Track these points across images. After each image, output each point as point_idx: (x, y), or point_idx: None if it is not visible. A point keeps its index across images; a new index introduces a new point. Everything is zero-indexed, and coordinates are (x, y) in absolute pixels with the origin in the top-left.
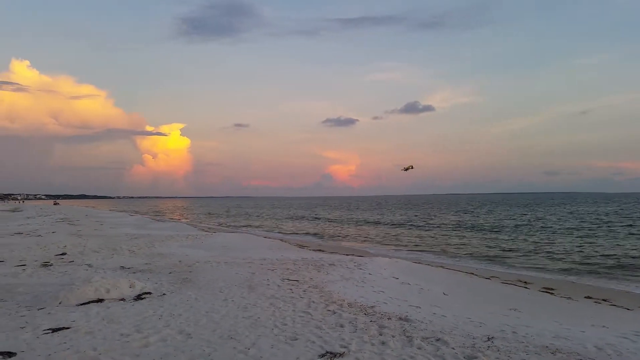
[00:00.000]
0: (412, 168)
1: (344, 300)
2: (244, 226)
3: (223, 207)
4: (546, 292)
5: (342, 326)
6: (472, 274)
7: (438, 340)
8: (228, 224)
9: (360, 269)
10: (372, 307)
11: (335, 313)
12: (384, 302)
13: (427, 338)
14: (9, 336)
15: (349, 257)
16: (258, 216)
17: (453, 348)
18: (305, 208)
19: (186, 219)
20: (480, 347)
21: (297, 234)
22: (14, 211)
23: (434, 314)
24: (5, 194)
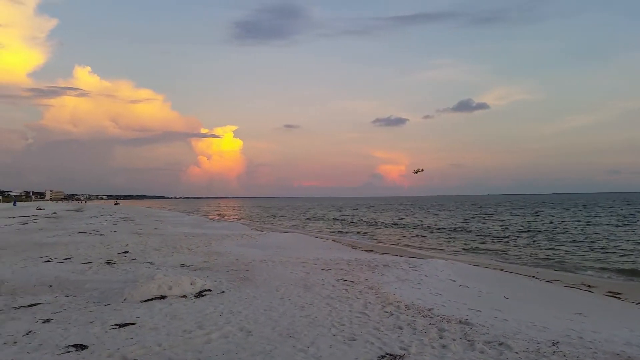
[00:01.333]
0: (422, 171)
1: (400, 302)
2: (295, 226)
3: (274, 207)
4: (612, 296)
5: (400, 328)
6: (533, 277)
7: (501, 344)
8: (280, 223)
9: (416, 270)
10: (430, 309)
11: (392, 315)
12: (442, 305)
13: (489, 342)
14: (80, 330)
15: (403, 258)
16: (308, 216)
17: (517, 352)
18: (354, 208)
19: (240, 218)
20: (545, 352)
21: (348, 233)
22: (77, 211)
23: (495, 317)
24: (70, 195)
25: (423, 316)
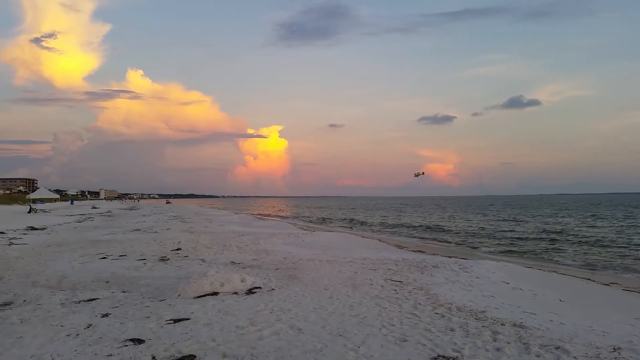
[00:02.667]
0: (422, 174)
1: (452, 304)
2: (341, 225)
3: (319, 206)
4: None
5: (452, 330)
6: (589, 279)
7: (558, 348)
8: (326, 222)
9: (466, 271)
10: (483, 312)
11: (444, 316)
12: (495, 308)
13: (545, 346)
14: (137, 325)
15: (452, 259)
16: (353, 216)
17: (575, 357)
18: (399, 207)
19: (286, 217)
20: (605, 358)
21: (394, 234)
22: (131, 209)
23: (551, 321)
24: (123, 194)
25: (475, 318)
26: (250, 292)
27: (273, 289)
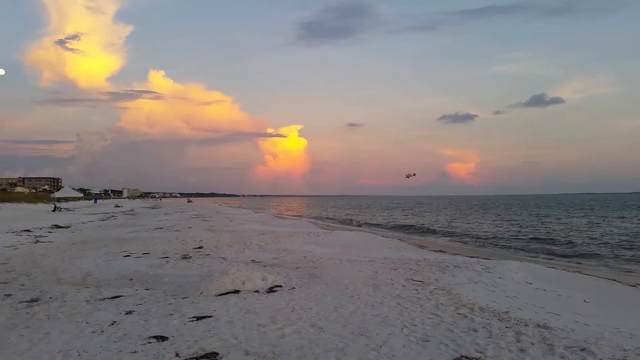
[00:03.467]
0: (414, 175)
1: (474, 304)
2: (360, 225)
3: (338, 205)
4: None
5: (475, 330)
6: (614, 280)
7: (583, 350)
8: (345, 222)
9: (489, 272)
10: (506, 312)
11: (466, 317)
12: (519, 308)
13: (570, 347)
14: (160, 322)
15: (475, 259)
16: (373, 215)
17: (601, 359)
18: (420, 207)
19: (305, 216)
20: None
21: (414, 234)
22: (153, 208)
23: (576, 322)
24: (145, 192)
25: (499, 319)
26: (271, 290)
27: (294, 288)
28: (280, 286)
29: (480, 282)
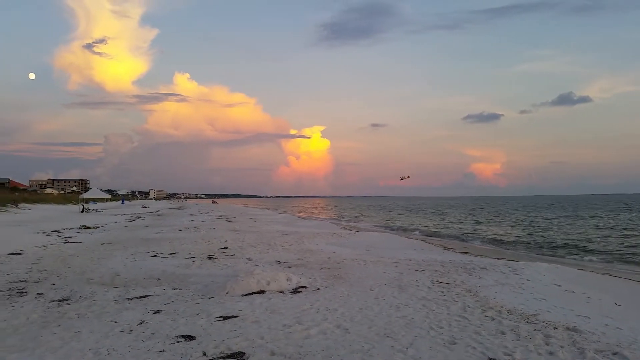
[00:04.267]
0: (408, 178)
1: (502, 307)
2: (384, 226)
3: (361, 206)
4: None
5: (503, 333)
6: None
7: (615, 354)
8: (369, 223)
9: (516, 274)
10: (534, 315)
11: (494, 319)
12: (547, 311)
13: (601, 351)
14: (188, 321)
15: (502, 261)
16: (397, 216)
17: None
18: (447, 208)
19: (329, 217)
20: None
21: (439, 236)
22: (179, 209)
23: (607, 325)
24: (171, 194)
25: (527, 322)
26: (296, 291)
27: (318, 289)
28: (304, 287)
29: (508, 284)
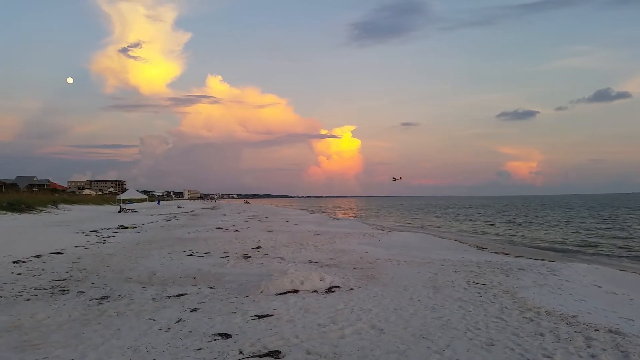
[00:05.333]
0: (400, 179)
1: (540, 308)
2: (417, 226)
3: (393, 206)
4: None
5: (542, 335)
6: None
7: None
8: (401, 223)
9: (555, 275)
10: (574, 316)
11: (532, 321)
12: (588, 312)
13: None
14: (224, 319)
15: (539, 261)
16: (430, 215)
17: None
18: (480, 207)
19: (361, 217)
20: None
21: (474, 236)
22: (212, 209)
23: None
24: (205, 194)
25: (566, 323)
26: (329, 290)
27: (352, 289)
28: (338, 287)
29: (546, 285)
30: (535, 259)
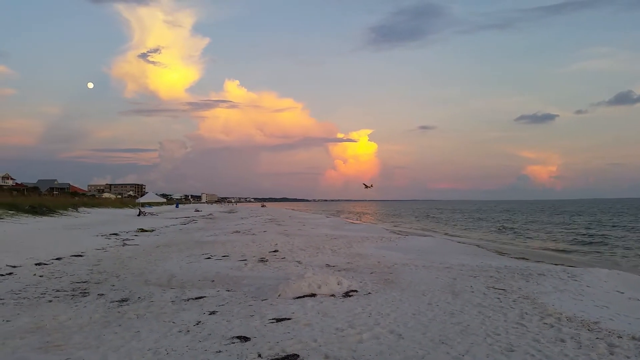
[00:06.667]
0: (371, 186)
1: (561, 314)
2: (434, 230)
3: (410, 210)
4: None
5: (563, 341)
6: None
7: None
8: (419, 227)
9: (576, 280)
10: (596, 322)
11: (553, 327)
12: (610, 319)
13: None
14: (242, 323)
15: (560, 266)
16: (447, 220)
17: None
18: (498, 212)
19: (377, 221)
20: None
21: (492, 240)
22: (230, 212)
23: None
24: (222, 197)
25: (588, 329)
26: (346, 295)
27: (369, 293)
28: (356, 291)
29: (567, 291)
30: (556, 264)
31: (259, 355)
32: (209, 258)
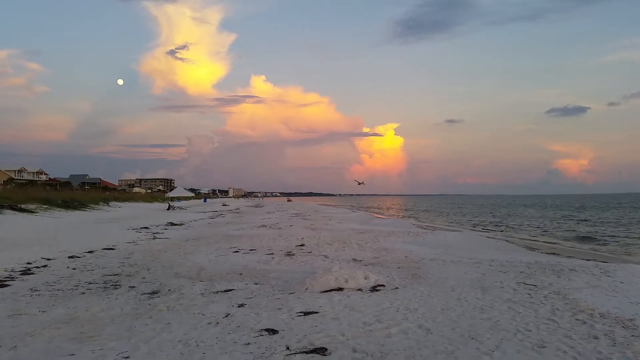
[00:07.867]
0: (363, 183)
1: (594, 310)
2: (462, 224)
3: (438, 204)
4: None
5: (596, 338)
6: None
7: None
8: (446, 221)
9: (609, 276)
10: (631, 319)
11: (585, 323)
12: None
13: None
14: (270, 315)
15: (592, 262)
16: (476, 214)
17: None
18: (529, 207)
19: (404, 216)
20: None
21: (523, 236)
22: (256, 207)
23: None
24: (249, 192)
25: (622, 326)
26: (374, 289)
27: (397, 288)
28: (383, 285)
29: (600, 287)
30: (587, 260)
31: (287, 348)
32: (237, 251)
